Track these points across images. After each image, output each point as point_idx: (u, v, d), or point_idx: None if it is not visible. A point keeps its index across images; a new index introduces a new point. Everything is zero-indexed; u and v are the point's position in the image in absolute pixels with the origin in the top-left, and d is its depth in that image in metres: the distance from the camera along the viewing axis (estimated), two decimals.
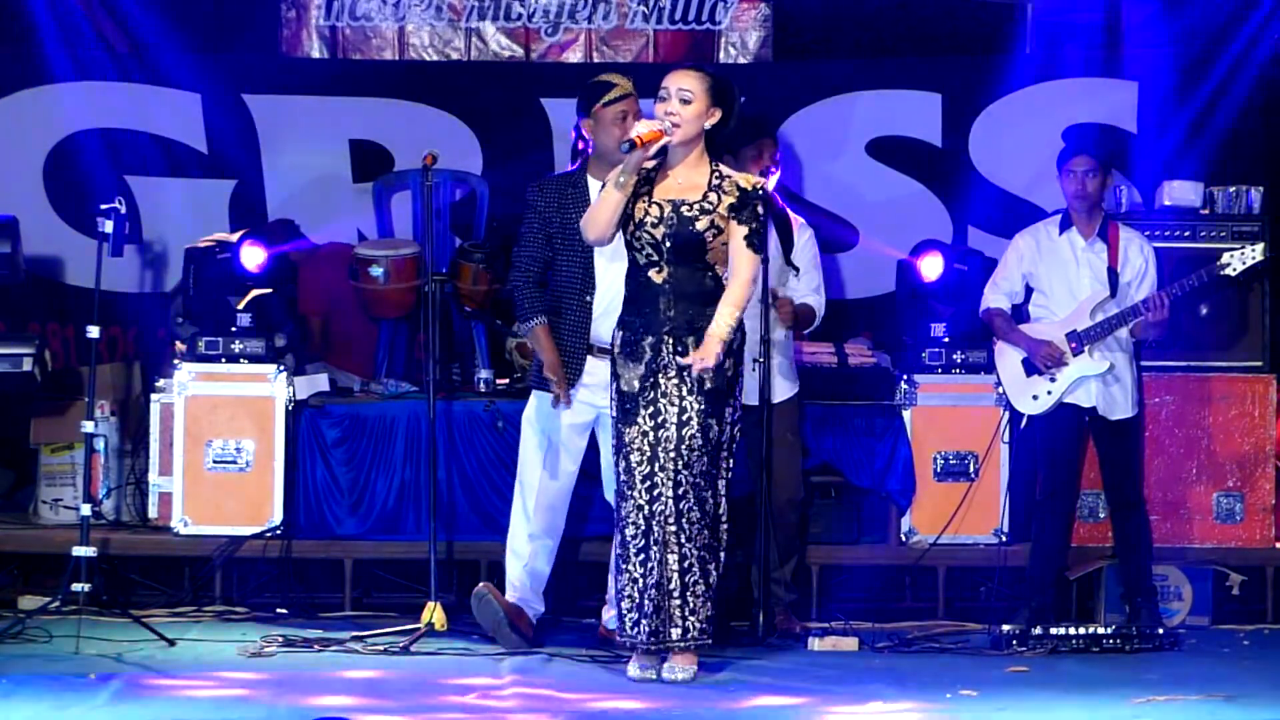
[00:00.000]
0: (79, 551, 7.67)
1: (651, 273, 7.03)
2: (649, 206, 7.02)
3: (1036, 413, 8.28)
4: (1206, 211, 9.01)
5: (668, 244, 7.01)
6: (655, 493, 6.97)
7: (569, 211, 7.55)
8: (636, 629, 7.00)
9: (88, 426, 7.89)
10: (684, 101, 7.00)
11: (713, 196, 7.02)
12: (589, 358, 7.55)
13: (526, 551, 7.72)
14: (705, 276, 7.05)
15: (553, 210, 7.60)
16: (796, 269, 8.23)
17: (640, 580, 6.98)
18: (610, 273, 7.46)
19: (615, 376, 7.09)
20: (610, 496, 7.70)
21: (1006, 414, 8.66)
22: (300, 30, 9.89)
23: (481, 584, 7.76)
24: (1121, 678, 7.25)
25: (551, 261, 7.60)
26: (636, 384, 7.02)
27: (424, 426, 8.35)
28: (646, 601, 6.97)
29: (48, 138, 9.66)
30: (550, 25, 9.92)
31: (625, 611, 7.04)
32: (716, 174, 7.07)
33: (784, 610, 8.18)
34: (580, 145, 7.68)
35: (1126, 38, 10.04)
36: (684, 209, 7.01)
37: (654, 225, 7.01)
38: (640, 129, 6.94)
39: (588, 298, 7.54)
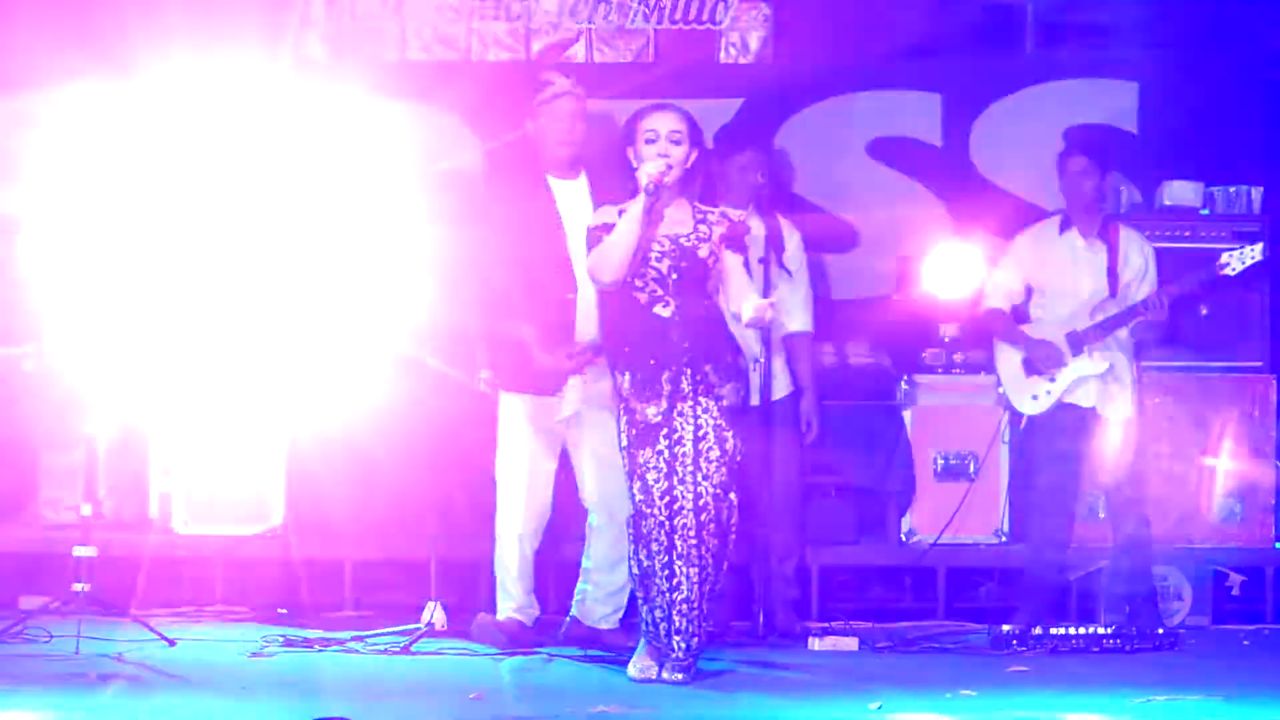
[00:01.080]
0: (79, 551, 7.67)
1: (658, 308, 7.08)
2: (648, 244, 7.07)
3: (1036, 413, 8.29)
4: (1206, 211, 9.02)
5: (674, 276, 7.08)
6: (676, 507, 7.01)
7: (535, 210, 7.59)
8: (671, 643, 7.01)
9: (88, 426, 7.88)
10: (675, 143, 7.12)
11: (703, 228, 7.14)
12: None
13: (517, 557, 7.72)
14: (708, 305, 7.15)
15: (518, 207, 7.60)
16: (790, 272, 8.23)
17: (668, 594, 7.00)
18: (585, 275, 7.46)
19: (629, 410, 7.09)
20: (585, 499, 7.72)
21: (1006, 414, 8.67)
22: (300, 30, 9.88)
23: (480, 615, 7.75)
24: (1121, 678, 7.25)
25: (522, 262, 7.59)
26: (656, 415, 7.05)
27: (425, 426, 8.34)
28: (677, 616, 6.99)
29: None
30: (550, 25, 9.92)
31: (658, 620, 7.04)
32: (696, 209, 7.19)
33: (785, 608, 8.19)
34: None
35: (1126, 38, 10.03)
36: (683, 240, 7.10)
37: (658, 260, 7.07)
38: (651, 171, 7.01)
39: (569, 295, 7.56)
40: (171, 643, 7.61)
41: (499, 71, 9.85)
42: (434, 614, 7.82)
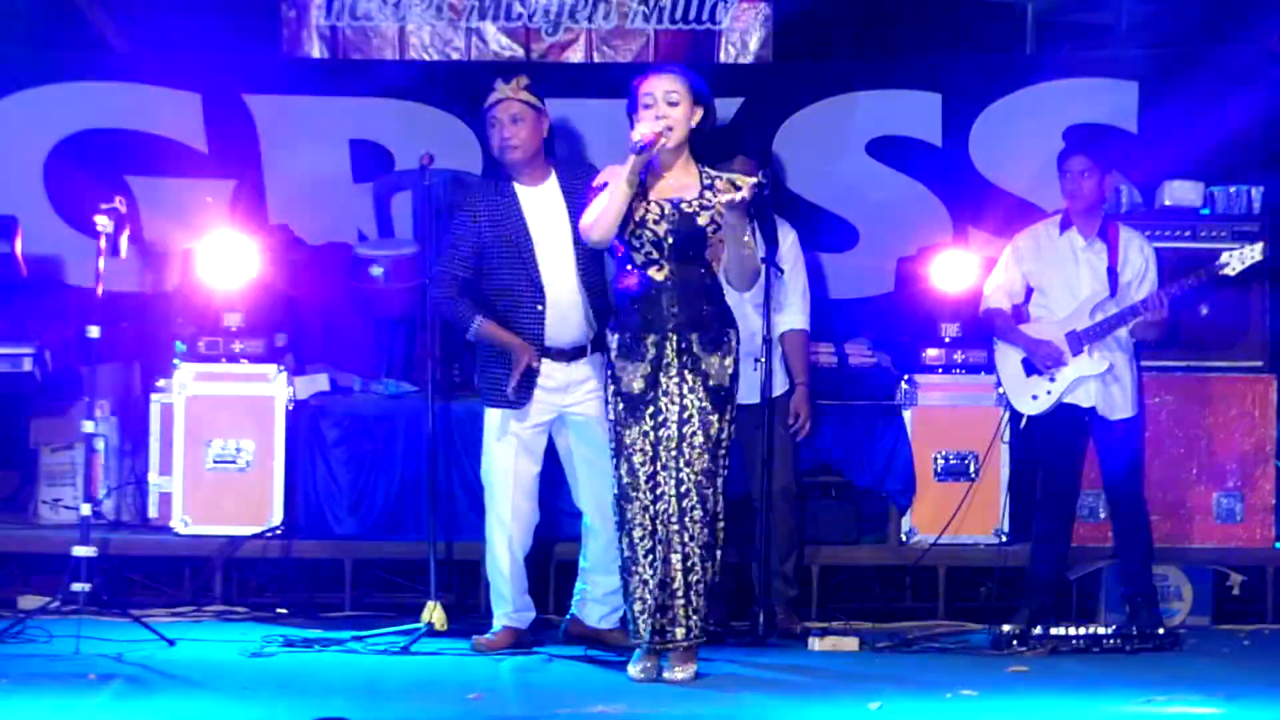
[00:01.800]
0: (79, 551, 7.67)
1: (651, 271, 7.06)
2: (648, 206, 7.04)
3: (1036, 413, 8.28)
4: (1206, 211, 9.02)
5: (670, 240, 7.04)
6: (659, 492, 6.99)
7: (502, 220, 7.57)
8: (647, 630, 7.01)
9: (88, 426, 7.89)
10: (671, 104, 7.07)
11: (708, 194, 7.07)
12: (545, 360, 7.55)
13: (508, 561, 7.71)
14: (704, 274, 7.10)
15: (484, 219, 7.60)
16: (781, 270, 8.23)
17: (649, 581, 6.99)
18: (557, 281, 7.50)
19: (615, 379, 7.09)
20: (579, 503, 7.72)
21: (1006, 414, 8.67)
22: (300, 30, 9.89)
23: (474, 639, 7.72)
24: (1121, 678, 7.25)
25: (490, 273, 7.58)
26: (640, 384, 7.03)
27: (424, 426, 8.34)
28: (649, 595, 6.98)
29: (48, 138, 9.65)
30: (550, 25, 9.92)
31: (637, 614, 7.04)
32: (706, 174, 7.14)
33: (785, 608, 8.19)
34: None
35: (1126, 38, 10.03)
36: (684, 206, 7.05)
37: (655, 223, 7.04)
38: (644, 131, 6.98)
39: (539, 306, 7.53)
40: (171, 643, 7.61)
41: (499, 71, 9.83)
42: (434, 614, 7.82)
